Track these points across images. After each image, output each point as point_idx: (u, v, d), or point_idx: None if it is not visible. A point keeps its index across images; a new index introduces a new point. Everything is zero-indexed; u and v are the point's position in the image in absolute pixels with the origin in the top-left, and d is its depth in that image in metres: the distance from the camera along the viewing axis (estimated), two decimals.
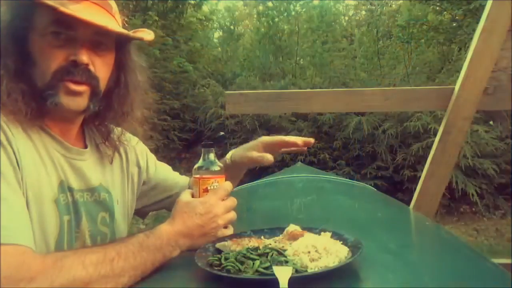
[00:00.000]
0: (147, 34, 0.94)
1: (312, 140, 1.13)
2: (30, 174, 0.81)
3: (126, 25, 0.98)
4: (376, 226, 1.03)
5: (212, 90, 7.28)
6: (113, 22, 0.89)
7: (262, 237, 0.86)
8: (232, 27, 12.97)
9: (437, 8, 8.07)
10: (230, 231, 0.91)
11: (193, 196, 0.91)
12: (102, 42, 0.88)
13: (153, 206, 1.19)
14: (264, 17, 10.60)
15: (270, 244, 0.80)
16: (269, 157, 1.08)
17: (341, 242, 0.77)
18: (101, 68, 0.89)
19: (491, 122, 5.65)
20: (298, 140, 1.12)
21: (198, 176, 0.92)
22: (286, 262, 0.71)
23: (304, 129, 6.27)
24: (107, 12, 0.88)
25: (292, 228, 0.85)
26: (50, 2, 0.78)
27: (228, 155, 1.18)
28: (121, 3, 0.93)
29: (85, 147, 0.98)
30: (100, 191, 0.97)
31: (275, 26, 10.10)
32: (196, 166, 0.94)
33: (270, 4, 10.91)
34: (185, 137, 6.89)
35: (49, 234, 0.84)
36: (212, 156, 0.94)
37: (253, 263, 0.70)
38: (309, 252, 0.71)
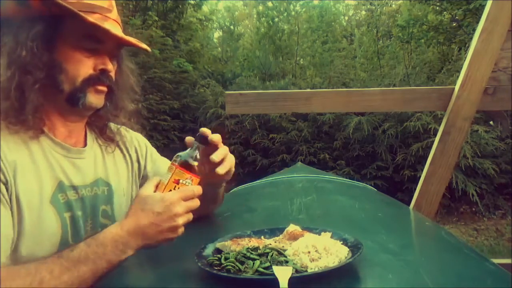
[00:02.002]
0: (146, 46, 1.06)
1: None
2: (25, 183, 0.86)
3: (126, 25, 1.03)
4: (376, 226, 1.03)
5: (212, 90, 7.28)
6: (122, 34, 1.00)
7: (262, 237, 0.86)
8: (232, 27, 13.00)
9: (437, 8, 8.08)
10: (182, 229, 0.86)
11: (158, 185, 0.87)
12: (116, 53, 1.01)
13: None
14: (264, 17, 10.63)
15: (270, 244, 0.80)
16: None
17: (341, 242, 0.77)
18: (114, 73, 1.01)
19: (491, 122, 5.65)
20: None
21: (176, 164, 0.88)
22: (286, 262, 0.71)
23: (304, 129, 6.27)
24: (120, 27, 1.00)
25: (292, 228, 0.85)
26: (105, 25, 0.90)
27: None
28: (121, 3, 0.98)
29: (85, 145, 1.04)
30: (100, 185, 1.02)
31: (275, 26, 10.12)
32: (180, 153, 0.89)
33: (270, 4, 10.93)
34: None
35: (52, 233, 0.89)
36: (198, 152, 0.90)
37: (253, 263, 0.70)
38: (309, 252, 0.71)
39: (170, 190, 0.86)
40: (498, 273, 0.78)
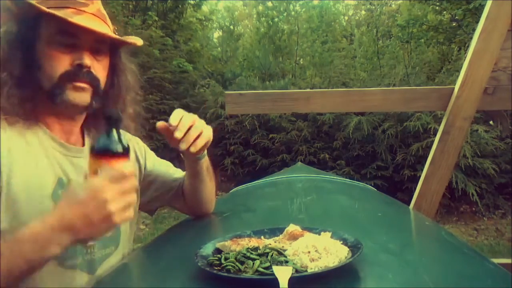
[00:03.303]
0: (137, 40, 1.05)
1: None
2: (23, 177, 0.87)
3: (126, 25, 1.03)
4: (376, 226, 1.03)
5: (212, 90, 7.29)
6: (108, 30, 1.00)
7: (262, 237, 0.86)
8: (232, 27, 12.98)
9: (437, 8, 8.08)
10: (130, 213, 0.78)
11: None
12: (100, 49, 0.98)
13: (156, 202, 1.22)
14: (264, 17, 10.62)
15: (270, 244, 0.80)
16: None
17: (341, 242, 0.77)
18: (100, 71, 0.99)
19: (491, 122, 5.65)
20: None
21: (91, 154, 0.80)
22: (286, 262, 0.71)
23: (304, 129, 6.28)
24: (103, 21, 0.99)
25: (292, 228, 0.85)
26: (59, 13, 0.89)
27: None
28: (121, 3, 0.99)
29: (84, 145, 1.05)
30: None
31: (275, 26, 10.11)
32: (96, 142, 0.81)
33: (270, 4, 10.91)
34: None
35: None
36: (114, 133, 0.80)
37: (253, 263, 0.70)
38: (309, 252, 0.71)
39: None
40: (498, 273, 0.78)
